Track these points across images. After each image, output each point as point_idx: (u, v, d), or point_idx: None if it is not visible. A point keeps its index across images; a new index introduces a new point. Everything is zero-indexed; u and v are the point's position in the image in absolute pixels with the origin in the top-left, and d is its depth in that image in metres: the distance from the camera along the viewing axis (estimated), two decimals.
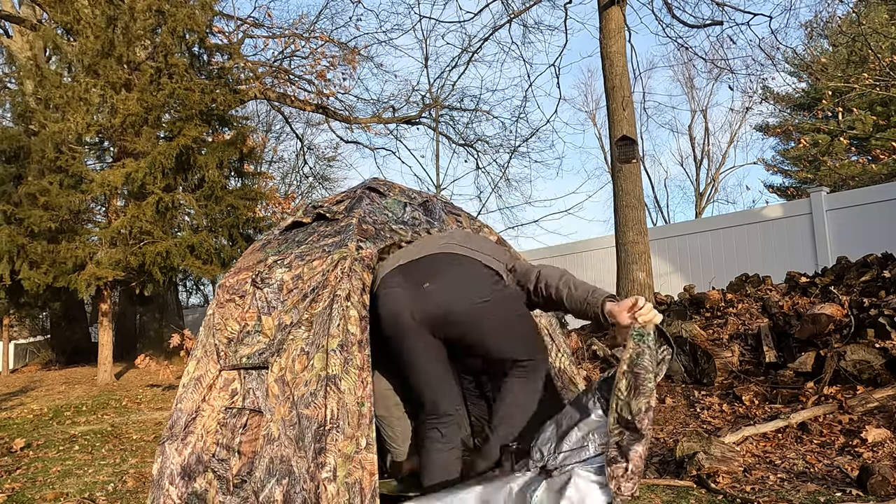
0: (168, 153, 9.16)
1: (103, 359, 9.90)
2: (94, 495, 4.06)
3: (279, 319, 2.27)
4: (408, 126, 16.96)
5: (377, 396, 2.48)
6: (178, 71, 9.58)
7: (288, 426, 2.06)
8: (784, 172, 25.20)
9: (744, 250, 9.49)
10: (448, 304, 2.22)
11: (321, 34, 15.35)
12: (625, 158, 7.73)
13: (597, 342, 6.86)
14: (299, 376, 2.10)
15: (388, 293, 2.26)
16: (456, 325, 2.25)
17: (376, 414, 2.47)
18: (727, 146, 26.92)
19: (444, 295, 2.22)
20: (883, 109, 19.36)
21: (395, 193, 2.67)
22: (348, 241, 2.28)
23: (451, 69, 18.02)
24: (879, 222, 8.37)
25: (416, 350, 2.26)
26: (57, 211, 8.92)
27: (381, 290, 2.28)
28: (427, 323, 2.23)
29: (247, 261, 2.61)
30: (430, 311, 2.21)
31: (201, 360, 2.51)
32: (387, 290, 2.27)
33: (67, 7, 9.56)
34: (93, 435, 6.21)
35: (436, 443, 2.33)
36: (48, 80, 9.55)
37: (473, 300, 2.24)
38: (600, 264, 11.06)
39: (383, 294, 2.26)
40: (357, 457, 1.99)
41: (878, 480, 3.28)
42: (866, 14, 13.20)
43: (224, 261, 9.66)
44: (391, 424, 2.55)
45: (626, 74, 8.08)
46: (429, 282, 2.23)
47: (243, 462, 2.18)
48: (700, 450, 3.83)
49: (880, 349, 4.88)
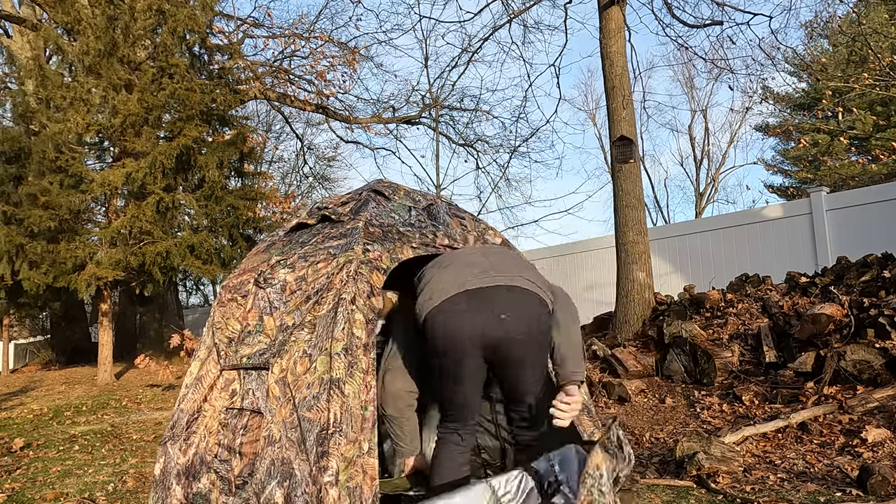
0: (168, 153, 9.17)
1: (103, 359, 9.91)
2: (94, 495, 4.06)
3: (281, 320, 2.26)
4: (408, 126, 16.97)
5: (391, 397, 2.54)
6: (178, 71, 9.59)
7: (289, 428, 2.05)
8: (784, 172, 25.20)
9: (744, 250, 9.49)
10: (519, 335, 2.36)
11: (321, 34, 15.37)
12: (623, 159, 7.73)
13: (597, 342, 6.87)
14: (301, 378, 2.09)
15: (454, 315, 2.33)
16: (515, 356, 2.41)
17: (387, 414, 2.53)
18: (727, 146, 26.96)
19: (519, 326, 2.35)
20: (883, 109, 19.36)
21: (400, 196, 2.66)
22: (355, 244, 2.27)
23: (451, 69, 18.06)
24: (879, 222, 8.38)
25: (469, 369, 2.38)
26: (57, 211, 8.92)
27: (444, 309, 2.35)
28: (489, 348, 2.36)
29: (251, 262, 2.61)
30: (499, 338, 2.34)
31: (205, 361, 2.51)
32: (453, 311, 2.34)
33: (68, 7, 9.57)
34: (93, 435, 6.21)
35: (453, 445, 2.50)
36: (50, 80, 9.55)
37: (536, 336, 2.40)
38: (600, 264, 11.06)
39: (449, 314, 2.34)
40: (359, 461, 1.98)
41: (878, 480, 3.28)
42: (866, 14, 13.20)
43: (224, 261, 9.67)
44: (401, 424, 2.60)
45: (626, 74, 8.08)
46: (507, 314, 2.35)
47: (244, 463, 2.17)
48: (700, 450, 3.83)
49: (880, 349, 4.88)
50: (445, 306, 2.34)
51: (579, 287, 11.33)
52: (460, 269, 2.44)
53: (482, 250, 2.58)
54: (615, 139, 7.84)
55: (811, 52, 17.85)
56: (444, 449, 2.50)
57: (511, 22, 11.22)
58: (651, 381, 6.04)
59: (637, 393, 5.83)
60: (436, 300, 2.35)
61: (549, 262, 11.81)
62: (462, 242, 2.62)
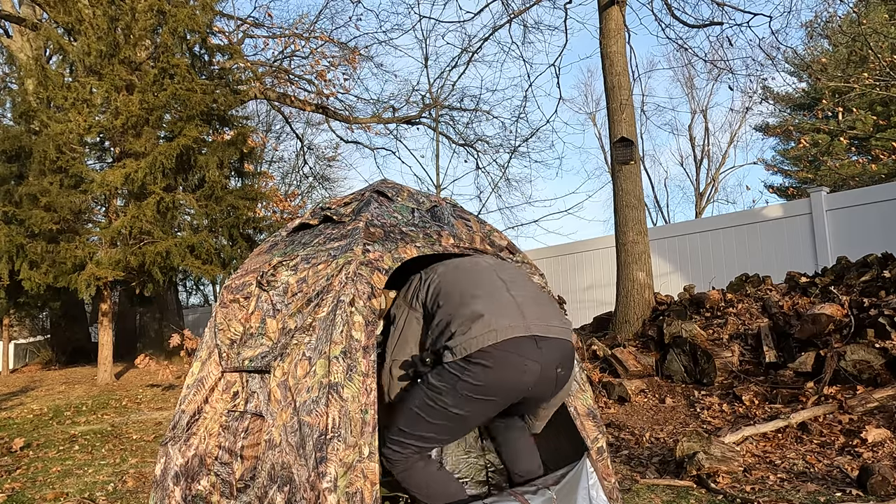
0: (169, 153, 9.17)
1: (103, 359, 9.91)
2: (94, 495, 4.06)
3: (283, 323, 2.25)
4: (408, 126, 16.97)
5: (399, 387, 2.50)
6: (180, 72, 9.59)
7: (289, 432, 2.04)
8: (784, 172, 25.21)
9: (744, 250, 9.49)
10: (559, 390, 2.33)
11: (321, 34, 15.36)
12: (623, 160, 7.74)
13: (597, 342, 6.87)
14: (301, 382, 2.07)
15: (519, 361, 2.12)
16: (543, 405, 2.39)
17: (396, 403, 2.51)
18: (727, 146, 26.97)
19: (564, 383, 2.32)
20: (883, 109, 19.35)
21: (404, 198, 2.63)
22: (354, 245, 2.25)
23: (451, 69, 18.08)
24: (879, 222, 8.38)
25: (487, 414, 2.24)
26: (58, 211, 8.93)
27: (507, 349, 2.11)
28: (524, 396, 2.24)
29: (253, 262, 2.60)
30: (542, 390, 2.26)
31: (206, 362, 2.51)
32: (518, 357, 2.11)
33: (70, 7, 9.57)
34: (93, 435, 6.21)
35: (422, 462, 2.32)
36: (51, 80, 9.55)
37: (565, 388, 2.38)
38: (600, 264, 11.06)
39: (513, 358, 2.12)
40: (359, 466, 1.97)
41: (878, 480, 3.29)
42: (866, 14, 13.20)
43: (224, 261, 9.67)
44: None
45: (626, 74, 8.08)
46: (562, 368, 2.25)
47: (246, 467, 2.17)
48: (700, 450, 3.83)
49: (880, 349, 4.88)
50: (513, 349, 2.10)
51: (579, 287, 11.33)
52: (505, 299, 2.23)
53: (496, 269, 2.42)
54: (616, 140, 7.85)
55: (811, 52, 17.86)
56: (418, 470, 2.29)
57: (511, 22, 11.23)
58: (651, 381, 6.04)
59: (637, 393, 5.83)
60: (499, 336, 2.10)
61: (549, 262, 11.81)
62: (468, 243, 2.60)
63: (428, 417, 2.18)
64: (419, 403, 2.20)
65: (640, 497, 3.52)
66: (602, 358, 6.54)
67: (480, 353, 2.08)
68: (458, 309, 2.21)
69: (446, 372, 2.13)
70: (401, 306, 2.48)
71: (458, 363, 2.10)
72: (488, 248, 2.66)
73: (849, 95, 13.73)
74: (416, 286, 2.44)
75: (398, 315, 2.48)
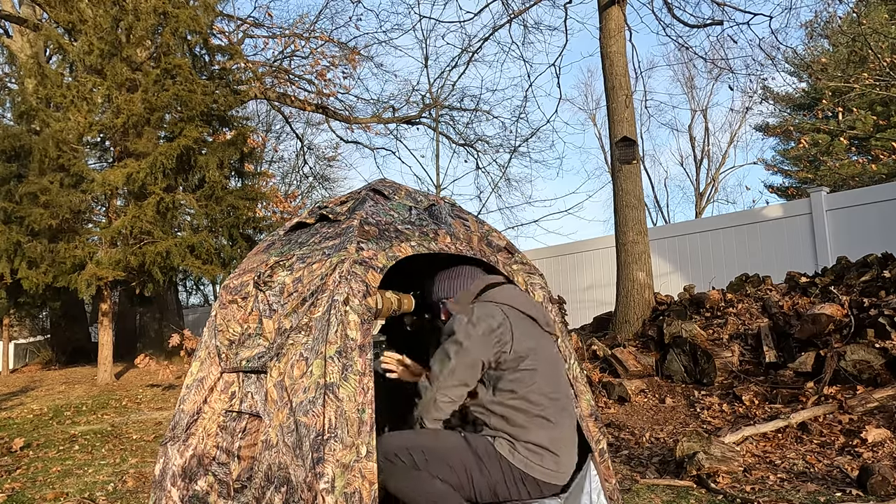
0: (169, 153, 9.17)
1: (103, 359, 9.91)
2: (94, 495, 4.06)
3: (279, 323, 2.24)
4: (408, 126, 16.96)
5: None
6: (182, 72, 9.59)
7: (286, 433, 2.03)
8: (784, 172, 25.19)
9: (744, 250, 9.49)
10: None
11: (321, 34, 15.36)
12: (625, 159, 7.73)
13: (597, 342, 6.87)
14: (297, 382, 2.06)
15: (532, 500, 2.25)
16: None
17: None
18: (727, 146, 26.96)
19: None
20: (883, 109, 19.34)
21: (401, 196, 2.61)
22: (348, 243, 2.24)
23: (451, 69, 18.07)
24: (879, 222, 8.38)
25: (483, 493, 2.27)
26: (58, 210, 8.93)
27: (540, 492, 2.25)
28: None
29: (251, 262, 2.59)
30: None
31: (205, 362, 2.51)
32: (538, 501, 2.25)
33: (71, 7, 9.57)
34: (93, 435, 6.21)
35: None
36: (50, 79, 9.56)
37: None
38: (600, 264, 11.06)
39: (534, 496, 2.25)
40: (357, 465, 1.95)
41: (878, 480, 3.28)
42: (866, 14, 13.20)
43: (224, 261, 9.67)
44: None
45: (627, 74, 8.08)
46: None
47: (243, 467, 2.16)
48: (700, 450, 3.83)
49: (880, 349, 4.88)
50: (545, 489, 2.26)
51: (579, 287, 11.33)
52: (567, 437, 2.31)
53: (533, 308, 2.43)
54: (617, 140, 7.84)
55: (811, 52, 17.86)
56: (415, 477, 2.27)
57: (511, 22, 11.22)
58: (651, 381, 6.04)
59: (637, 393, 5.83)
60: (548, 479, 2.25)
61: (549, 262, 11.80)
62: (465, 243, 2.58)
63: (450, 463, 2.19)
64: (450, 452, 2.22)
65: (640, 497, 3.52)
66: (602, 358, 6.54)
67: (531, 480, 2.20)
68: (535, 419, 2.23)
69: (495, 460, 2.19)
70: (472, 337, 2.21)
71: (513, 468, 2.18)
72: (485, 248, 2.64)
73: (849, 95, 13.73)
74: (502, 338, 2.24)
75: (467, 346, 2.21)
